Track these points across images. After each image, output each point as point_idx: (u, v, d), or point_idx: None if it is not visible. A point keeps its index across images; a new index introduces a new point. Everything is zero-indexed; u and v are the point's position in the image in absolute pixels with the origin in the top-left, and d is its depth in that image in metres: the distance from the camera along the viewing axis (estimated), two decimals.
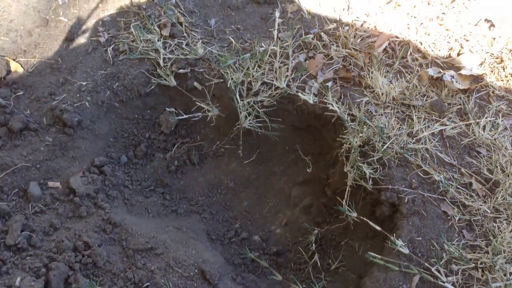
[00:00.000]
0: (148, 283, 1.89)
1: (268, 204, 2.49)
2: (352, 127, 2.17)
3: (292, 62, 2.40)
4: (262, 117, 2.34)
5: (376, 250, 2.18)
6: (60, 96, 2.34)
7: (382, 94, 2.30)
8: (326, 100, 2.26)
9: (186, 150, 2.53)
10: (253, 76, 2.33)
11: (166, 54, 2.48)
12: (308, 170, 2.41)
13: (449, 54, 2.50)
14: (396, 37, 2.53)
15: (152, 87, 2.46)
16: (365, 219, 2.00)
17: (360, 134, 2.11)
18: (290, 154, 2.56)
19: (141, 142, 2.48)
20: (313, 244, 2.25)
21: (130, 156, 2.43)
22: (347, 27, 2.57)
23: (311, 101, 2.24)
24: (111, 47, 2.51)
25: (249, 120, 2.34)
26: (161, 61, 2.45)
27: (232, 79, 2.32)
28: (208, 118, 2.40)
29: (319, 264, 2.21)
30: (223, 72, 2.40)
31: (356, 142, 2.11)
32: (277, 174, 2.55)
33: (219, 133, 2.57)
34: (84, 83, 2.39)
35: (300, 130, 2.52)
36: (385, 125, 2.18)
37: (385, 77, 2.35)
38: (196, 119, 2.46)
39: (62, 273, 1.84)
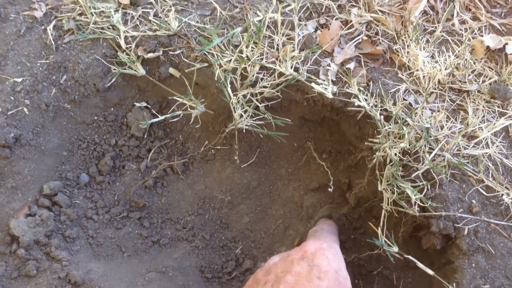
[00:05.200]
0: None
1: (275, 218, 1.96)
2: (387, 131, 1.59)
3: (299, 35, 1.77)
4: (263, 114, 1.75)
5: (421, 285, 1.70)
6: None
7: (424, 76, 1.70)
8: (348, 91, 1.67)
9: (166, 155, 1.95)
10: (248, 58, 1.71)
11: (128, 31, 1.83)
12: (329, 189, 1.84)
13: (509, 10, 1.87)
14: None
15: (113, 79, 1.83)
16: (411, 258, 1.48)
17: (401, 143, 1.54)
18: (300, 153, 1.99)
19: (105, 152, 1.88)
20: None
21: (92, 173, 1.85)
22: None
23: (330, 95, 1.64)
24: (51, 25, 1.84)
25: (246, 119, 1.75)
26: (122, 42, 1.81)
27: (219, 66, 1.69)
28: (192, 119, 1.80)
29: None
30: (206, 53, 1.77)
31: (395, 152, 1.54)
32: (284, 179, 2.00)
33: (207, 131, 1.98)
34: (19, 80, 1.76)
35: (312, 123, 1.94)
36: (431, 124, 1.61)
37: (425, 50, 1.73)
38: (176, 119, 1.87)
39: None
